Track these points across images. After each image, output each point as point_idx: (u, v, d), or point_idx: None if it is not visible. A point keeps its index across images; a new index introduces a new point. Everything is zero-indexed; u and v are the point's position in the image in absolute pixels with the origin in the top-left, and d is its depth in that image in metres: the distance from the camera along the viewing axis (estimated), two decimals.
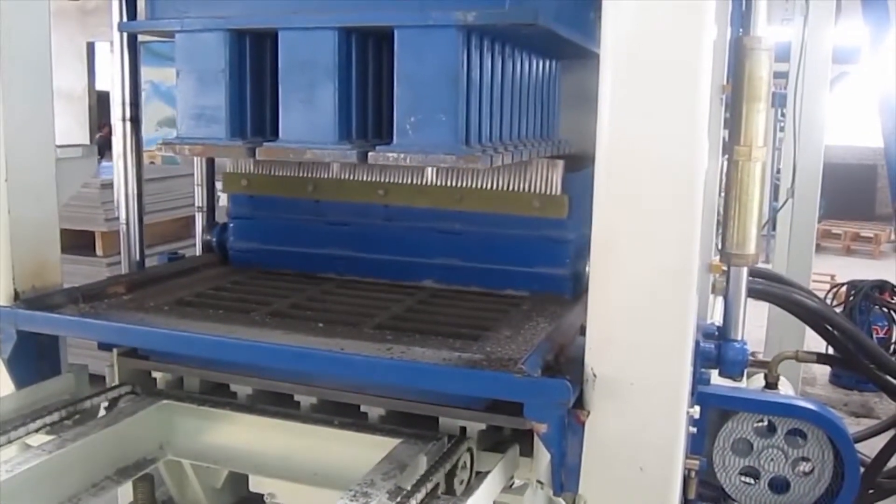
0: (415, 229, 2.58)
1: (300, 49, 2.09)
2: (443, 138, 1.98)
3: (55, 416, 2.02)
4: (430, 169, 2.49)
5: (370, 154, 2.03)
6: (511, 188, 2.45)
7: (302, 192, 2.67)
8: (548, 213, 2.43)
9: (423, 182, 2.53)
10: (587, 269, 2.15)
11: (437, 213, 2.55)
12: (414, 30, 1.98)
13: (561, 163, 2.42)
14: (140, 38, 2.64)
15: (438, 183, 2.51)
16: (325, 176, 2.63)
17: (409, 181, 2.55)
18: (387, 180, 2.57)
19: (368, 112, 2.20)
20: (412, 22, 1.98)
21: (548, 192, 2.42)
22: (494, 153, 2.08)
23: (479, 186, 2.48)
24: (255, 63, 2.22)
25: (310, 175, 2.64)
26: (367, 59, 2.18)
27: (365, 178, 2.59)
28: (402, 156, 2.00)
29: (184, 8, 2.21)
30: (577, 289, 2.42)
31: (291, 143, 2.11)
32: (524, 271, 2.47)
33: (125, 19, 2.58)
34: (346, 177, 2.61)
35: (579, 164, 2.48)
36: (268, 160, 2.39)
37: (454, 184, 2.50)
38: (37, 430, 1.98)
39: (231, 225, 2.82)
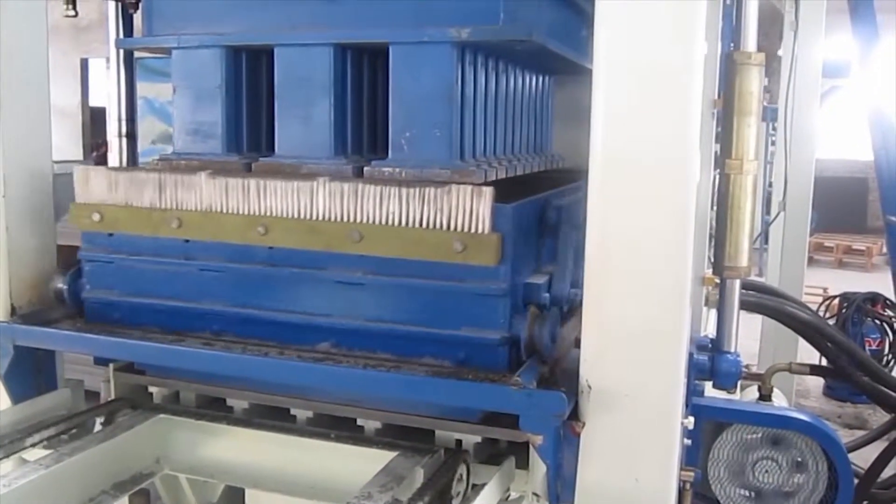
0: (305, 279, 2.01)
1: (296, 65, 2.11)
2: (438, 153, 2.00)
3: (52, 431, 2.03)
4: (320, 196, 1.95)
5: (365, 168, 2.05)
6: (426, 224, 1.88)
7: (164, 228, 2.09)
8: (473, 259, 1.84)
9: (314, 216, 1.96)
10: (525, 333, 1.86)
11: (333, 258, 1.96)
12: (409, 46, 2.01)
13: (489, 191, 1.84)
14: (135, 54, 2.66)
15: (332, 217, 1.94)
16: (192, 207, 2.07)
17: (297, 214, 1.97)
18: (268, 213, 1.99)
19: (363, 127, 2.23)
20: (407, 38, 2.00)
21: (473, 231, 1.84)
22: (489, 167, 2.10)
23: (383, 222, 1.90)
24: (251, 79, 2.25)
25: (175, 206, 2.08)
26: (363, 74, 2.20)
27: (241, 211, 2.02)
28: (397, 170, 2.02)
29: (181, 25, 2.23)
30: (514, 358, 1.89)
31: (287, 157, 2.13)
32: (445, 335, 1.89)
33: (122, 36, 2.60)
34: (219, 208, 2.04)
35: (572, 178, 2.49)
36: (125, 187, 2.13)
37: (352, 218, 1.93)
38: (33, 445, 1.98)
39: (84, 269, 2.24)
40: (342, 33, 2.08)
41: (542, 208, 2.14)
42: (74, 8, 2.50)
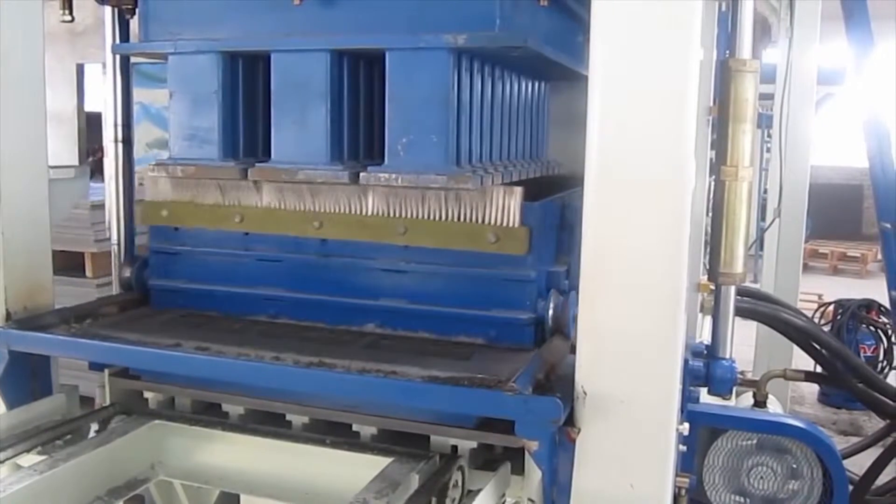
0: (355, 267, 2.25)
1: (293, 71, 2.11)
2: (434, 159, 2.01)
3: (46, 437, 2.03)
4: (370, 196, 2.18)
5: (362, 174, 2.06)
6: (463, 219, 2.12)
7: (228, 223, 2.32)
8: (505, 249, 2.09)
9: (364, 212, 2.19)
10: (550, 313, 2.11)
11: (380, 249, 2.21)
12: (405, 52, 2.01)
13: (519, 190, 2.10)
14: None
15: (380, 212, 2.17)
16: (255, 204, 2.30)
17: (349, 210, 2.20)
18: (323, 209, 2.22)
19: (360, 133, 2.24)
20: (403, 44, 2.01)
21: (505, 224, 2.08)
22: (485, 173, 2.10)
23: (426, 217, 2.14)
24: (247, 84, 2.25)
25: (237, 203, 2.31)
26: (359, 80, 2.21)
27: (298, 208, 2.25)
28: (393, 176, 2.02)
29: (177, 30, 2.24)
30: (539, 336, 2.14)
31: (283, 163, 2.14)
32: (479, 315, 2.14)
33: (118, 41, 2.60)
34: (278, 205, 2.27)
35: (567, 185, 2.50)
36: (191, 186, 2.31)
37: (398, 213, 2.16)
38: (28, 451, 1.98)
39: (151, 260, 2.50)
40: (339, 39, 2.09)
41: (562, 207, 2.33)
42: (71, 13, 2.50)
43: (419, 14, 2.02)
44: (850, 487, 2.76)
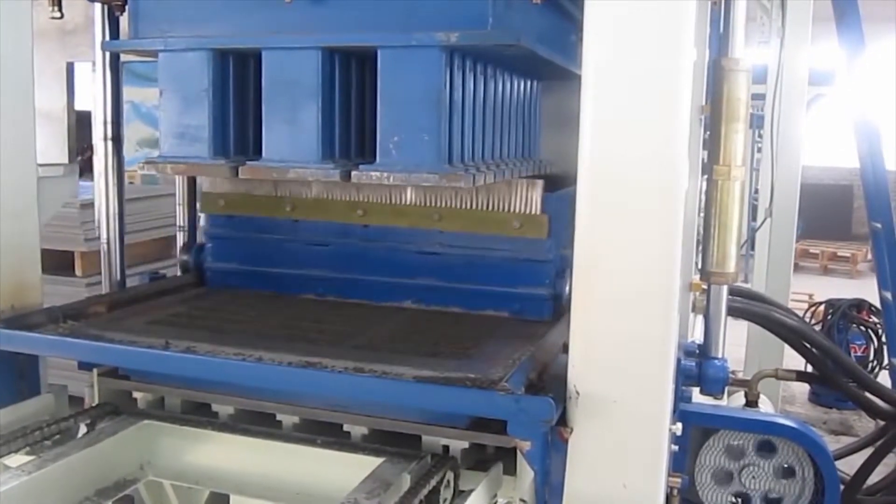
0: (395, 250, 2.56)
1: (283, 69, 2.10)
2: (426, 157, 2.00)
3: (35, 437, 2.00)
4: (409, 188, 2.47)
5: (353, 173, 2.05)
6: (491, 208, 2.44)
7: (280, 211, 2.65)
8: (528, 234, 2.41)
9: (403, 202, 2.52)
10: (567, 289, 2.22)
11: (416, 234, 2.53)
12: (397, 50, 2.00)
13: (541, 183, 2.41)
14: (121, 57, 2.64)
15: (418, 203, 2.50)
16: (304, 195, 2.62)
17: (389, 201, 2.54)
18: (366, 200, 2.55)
19: (351, 130, 2.22)
20: (395, 42, 2.00)
21: (528, 212, 2.41)
22: (477, 172, 2.10)
23: (458, 206, 2.47)
24: (238, 82, 2.24)
25: (288, 194, 2.64)
26: (350, 77, 2.19)
27: (344, 198, 2.57)
28: (384, 175, 2.02)
29: (167, 27, 2.22)
30: (557, 310, 2.40)
31: (274, 162, 2.12)
32: (504, 292, 2.45)
33: (108, 38, 2.58)
34: (326, 196, 2.59)
35: (560, 184, 2.50)
36: (247, 178, 2.35)
37: (433, 203, 2.49)
38: (16, 451, 1.96)
39: (208, 245, 2.80)
40: (330, 37, 2.07)
41: (573, 197, 2.36)
42: (60, 10, 2.48)
43: (411, 12, 2.01)
44: (842, 487, 2.76)
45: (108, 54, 2.57)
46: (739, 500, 2.48)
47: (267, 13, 2.12)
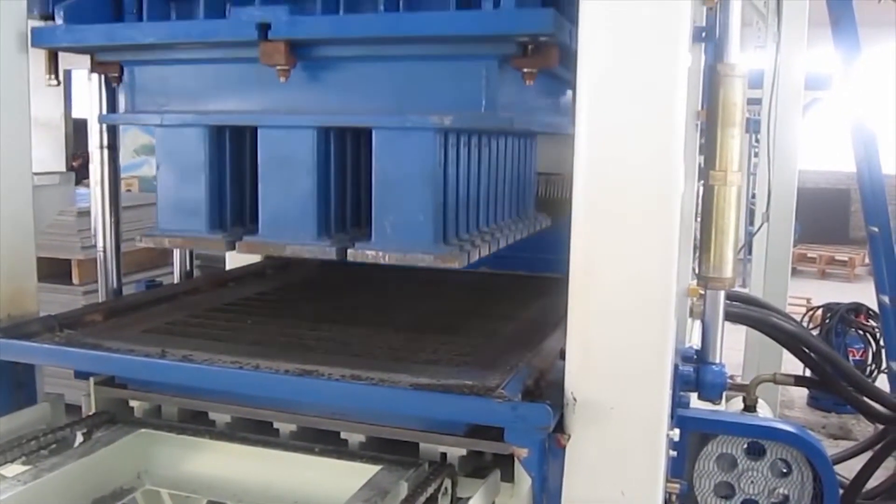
0: None
1: (279, 146, 2.10)
2: (421, 237, 2.01)
3: (31, 446, 1.99)
4: None
5: (349, 251, 2.06)
6: None
7: None
8: None
9: None
10: None
11: None
12: (392, 131, 2.00)
13: None
14: None
15: None
16: None
17: None
18: None
19: (347, 203, 2.24)
20: (390, 124, 2.00)
21: None
22: (472, 247, 2.10)
23: None
24: (234, 156, 2.24)
25: None
26: (346, 152, 2.20)
27: None
28: (380, 254, 2.03)
29: (163, 101, 2.23)
30: None
31: (271, 237, 2.13)
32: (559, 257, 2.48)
33: (105, 104, 2.59)
34: None
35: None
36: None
37: None
38: (12, 461, 1.95)
39: None
40: (325, 117, 2.08)
41: None
42: (57, 77, 2.47)
43: (405, 92, 2.02)
44: (841, 491, 2.76)
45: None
46: None
47: (263, 91, 2.13)
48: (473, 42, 1.95)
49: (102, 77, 2.54)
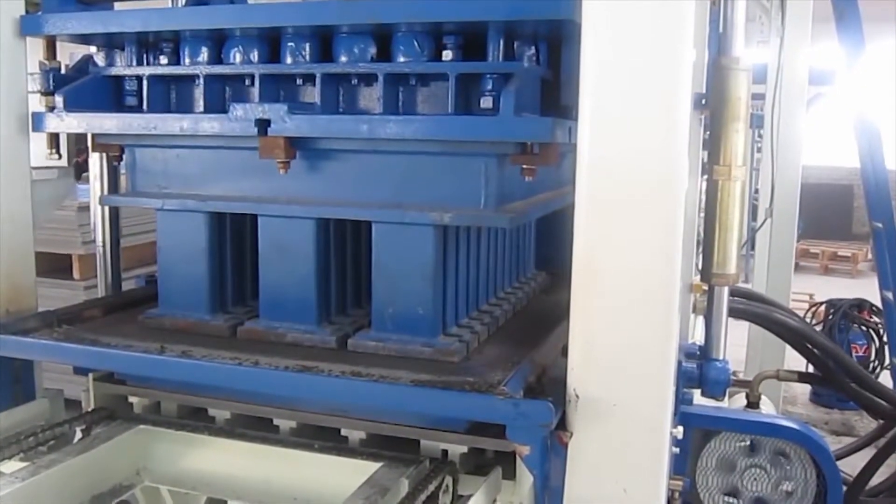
0: None
1: (279, 234, 2.12)
2: (420, 330, 2.03)
3: (29, 443, 1.99)
4: None
5: (349, 341, 2.07)
6: None
7: None
8: None
9: None
10: None
11: None
12: (391, 226, 2.01)
13: None
14: None
15: None
16: None
17: None
18: None
19: (347, 287, 2.26)
20: (389, 219, 2.01)
21: None
22: (471, 334, 2.11)
23: None
24: (235, 241, 2.27)
25: None
26: (346, 240, 2.22)
27: None
28: (381, 345, 2.04)
29: (164, 183, 2.24)
30: None
31: (271, 325, 2.14)
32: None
33: (106, 184, 2.64)
34: None
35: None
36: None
37: None
38: (10, 457, 1.94)
39: None
40: (325, 209, 2.09)
41: None
42: (59, 153, 2.46)
43: (404, 185, 2.02)
44: (844, 488, 2.74)
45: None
46: (741, 502, 2.46)
47: (263, 178, 2.13)
48: (472, 143, 1.94)
49: (104, 157, 2.59)
